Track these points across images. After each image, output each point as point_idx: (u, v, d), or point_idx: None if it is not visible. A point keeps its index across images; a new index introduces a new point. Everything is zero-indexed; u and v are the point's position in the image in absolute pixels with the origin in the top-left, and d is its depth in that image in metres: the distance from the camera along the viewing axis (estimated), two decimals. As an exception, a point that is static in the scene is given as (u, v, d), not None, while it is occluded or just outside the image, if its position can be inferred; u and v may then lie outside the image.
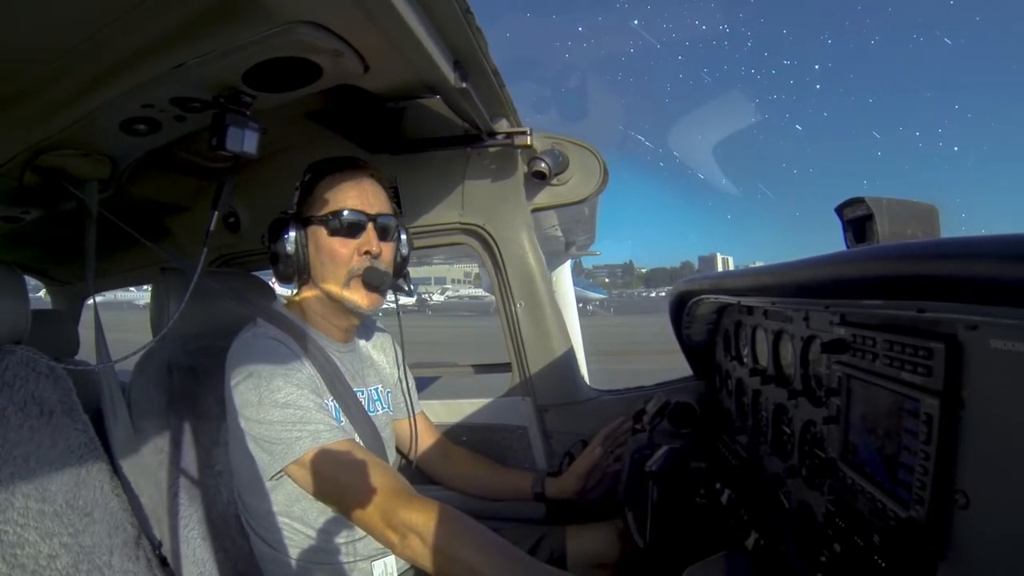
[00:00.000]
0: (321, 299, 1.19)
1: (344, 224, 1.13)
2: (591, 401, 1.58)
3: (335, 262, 1.13)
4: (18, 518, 0.86)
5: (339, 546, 1.13)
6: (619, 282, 67.53)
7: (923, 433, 0.60)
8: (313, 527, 1.12)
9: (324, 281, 1.15)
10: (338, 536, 1.12)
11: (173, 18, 0.72)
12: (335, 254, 1.13)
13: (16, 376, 0.94)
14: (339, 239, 1.13)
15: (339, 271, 1.14)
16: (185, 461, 1.17)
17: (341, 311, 1.19)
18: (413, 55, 0.93)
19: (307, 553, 1.12)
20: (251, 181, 1.51)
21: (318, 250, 1.14)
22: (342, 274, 1.14)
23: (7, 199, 1.19)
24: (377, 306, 1.18)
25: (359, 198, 1.15)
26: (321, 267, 1.15)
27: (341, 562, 1.13)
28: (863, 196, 0.93)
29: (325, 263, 1.14)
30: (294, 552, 1.12)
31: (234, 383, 1.07)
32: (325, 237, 1.13)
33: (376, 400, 1.29)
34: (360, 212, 1.14)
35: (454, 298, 34.53)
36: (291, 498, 1.10)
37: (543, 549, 1.34)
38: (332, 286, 1.15)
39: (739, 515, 1.05)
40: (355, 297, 1.15)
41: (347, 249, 1.13)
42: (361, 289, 1.15)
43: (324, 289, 1.16)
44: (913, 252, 0.56)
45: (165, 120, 0.96)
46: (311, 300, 1.20)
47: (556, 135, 1.49)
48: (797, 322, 0.98)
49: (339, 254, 1.13)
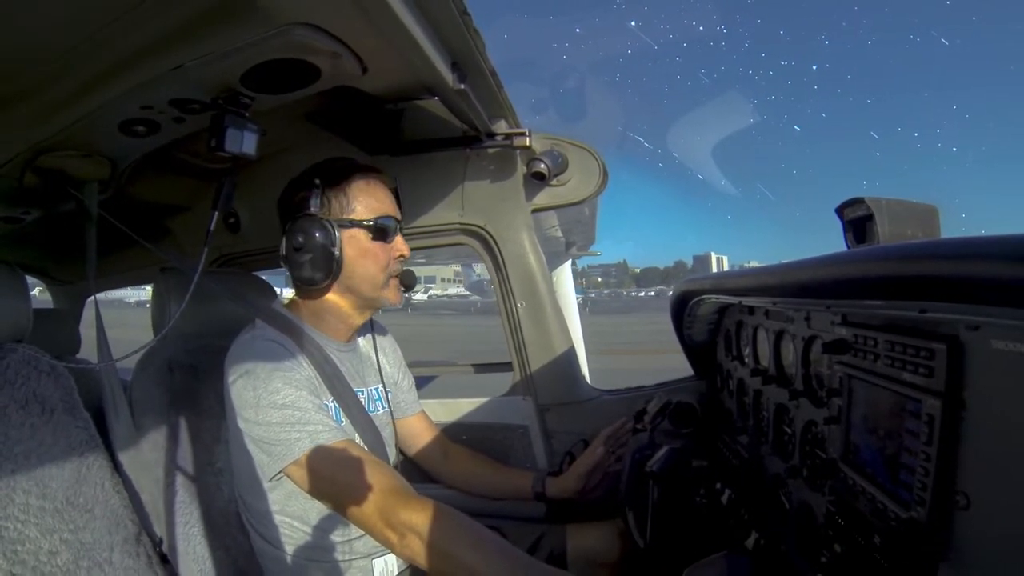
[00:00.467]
0: (343, 298, 1.20)
1: (384, 229, 1.18)
2: (592, 401, 1.58)
3: (377, 264, 1.18)
4: (19, 514, 0.87)
5: (339, 544, 1.13)
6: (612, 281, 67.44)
7: (924, 434, 0.60)
8: (313, 526, 1.12)
9: (360, 281, 1.18)
10: (338, 534, 1.12)
11: (172, 19, 0.72)
12: (377, 257, 1.18)
13: (18, 374, 0.95)
14: (379, 244, 1.18)
15: (379, 274, 1.19)
16: (186, 459, 1.17)
17: (361, 310, 1.23)
18: (411, 56, 0.93)
19: (307, 551, 1.12)
20: (251, 182, 1.51)
21: (359, 253, 1.17)
22: (381, 276, 1.19)
23: (8, 200, 1.20)
24: (400, 303, 1.29)
25: (391, 204, 1.22)
26: (362, 269, 1.18)
27: (341, 560, 1.13)
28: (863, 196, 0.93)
29: (367, 265, 1.18)
30: (294, 550, 1.12)
31: (233, 384, 1.07)
32: (367, 241, 1.17)
33: (376, 400, 1.30)
34: (393, 218, 1.20)
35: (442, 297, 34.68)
36: (291, 497, 1.10)
37: (543, 548, 1.34)
38: (367, 287, 1.19)
39: (740, 515, 1.05)
40: (390, 295, 1.22)
41: (385, 253, 1.19)
42: (397, 288, 1.23)
43: (356, 289, 1.19)
44: (914, 252, 0.56)
45: (164, 121, 0.96)
46: (322, 301, 1.20)
47: (555, 136, 1.49)
48: (798, 322, 0.97)
49: (380, 257, 1.18)
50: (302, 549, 1.12)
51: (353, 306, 1.22)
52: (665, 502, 1.12)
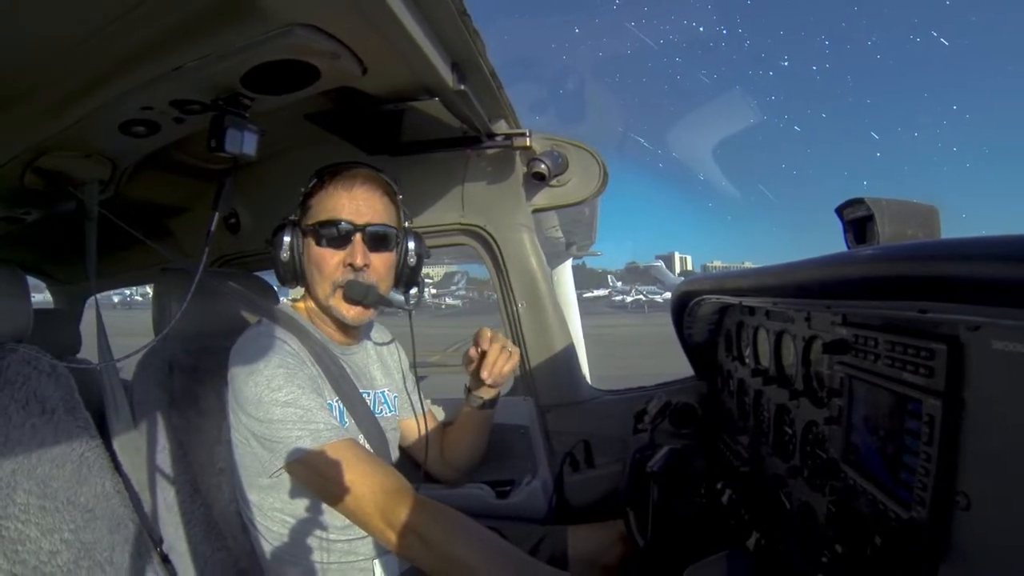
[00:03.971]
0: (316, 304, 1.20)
1: (330, 235, 1.13)
2: (593, 401, 1.58)
3: (321, 273, 1.14)
4: (19, 514, 0.87)
5: (340, 544, 1.13)
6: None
7: (925, 434, 0.60)
8: (314, 525, 1.12)
9: (313, 290, 1.17)
10: (340, 534, 1.12)
11: (172, 20, 0.72)
12: (321, 265, 1.14)
13: (18, 374, 0.95)
14: (327, 250, 1.13)
15: (324, 282, 1.14)
16: (187, 459, 1.17)
17: (334, 318, 1.20)
18: (411, 57, 0.93)
19: (308, 551, 1.12)
20: (251, 182, 1.51)
21: (308, 259, 1.16)
22: (327, 285, 1.14)
23: (8, 200, 1.20)
24: (363, 318, 1.17)
25: (348, 207, 1.13)
26: (310, 276, 1.16)
27: (342, 560, 1.13)
28: (863, 197, 0.93)
29: (312, 272, 1.16)
30: (296, 550, 1.12)
31: (236, 381, 1.07)
32: (314, 247, 1.14)
33: (384, 403, 1.30)
34: (347, 222, 1.13)
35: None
36: (292, 496, 1.10)
37: (544, 550, 1.34)
38: (318, 295, 1.16)
39: (740, 515, 1.05)
40: (340, 308, 1.15)
41: (333, 260, 1.14)
42: (343, 302, 1.14)
43: (313, 297, 1.18)
44: (914, 253, 0.56)
45: (164, 122, 0.96)
46: (316, 303, 1.21)
47: (555, 136, 1.50)
48: (799, 322, 0.97)
49: (325, 265, 1.14)
50: (303, 549, 1.12)
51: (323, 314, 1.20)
52: (666, 502, 1.12)
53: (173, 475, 1.14)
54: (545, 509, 1.47)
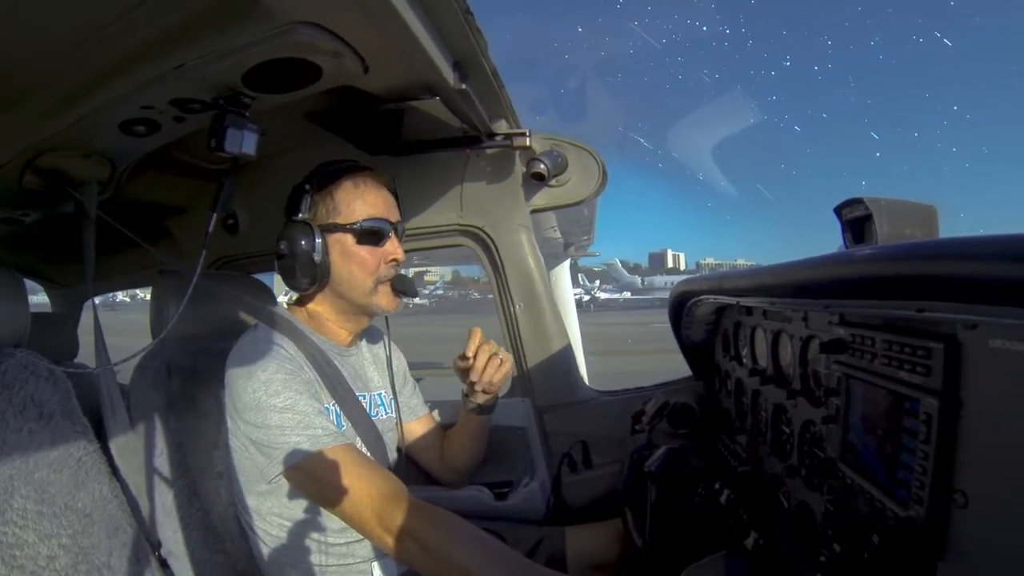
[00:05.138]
0: (334, 304, 1.20)
1: (372, 233, 1.16)
2: (590, 402, 1.58)
3: (364, 270, 1.16)
4: (17, 519, 0.86)
5: (339, 547, 1.12)
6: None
7: (922, 433, 0.61)
8: (313, 529, 1.11)
9: (348, 288, 1.17)
10: (338, 537, 1.12)
11: (173, 18, 0.72)
12: (364, 262, 1.16)
13: (15, 379, 0.94)
14: (367, 247, 1.16)
15: (367, 279, 1.17)
16: (185, 463, 1.16)
17: (355, 316, 1.22)
18: (413, 56, 0.93)
19: (307, 555, 1.12)
20: (251, 183, 1.50)
21: (345, 258, 1.16)
22: (369, 282, 1.17)
23: (7, 201, 1.19)
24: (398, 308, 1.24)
25: (383, 206, 1.18)
26: (348, 274, 1.17)
27: (341, 563, 1.13)
28: (862, 196, 0.93)
29: (353, 271, 1.16)
30: (294, 554, 1.12)
31: (234, 387, 1.07)
32: (352, 245, 1.16)
33: (380, 405, 1.29)
34: (385, 220, 1.17)
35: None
36: (290, 500, 1.10)
37: (542, 551, 1.33)
38: (356, 293, 1.18)
39: (738, 515, 1.06)
40: (382, 302, 1.19)
41: (374, 257, 1.17)
42: (389, 294, 1.20)
43: (346, 295, 1.18)
44: (912, 252, 0.56)
45: (164, 121, 0.96)
46: (320, 305, 1.21)
47: (555, 136, 1.50)
48: (796, 322, 0.98)
49: (368, 262, 1.16)
50: (301, 553, 1.12)
51: (347, 312, 1.21)
52: (664, 502, 1.12)
53: (171, 479, 1.13)
54: (543, 510, 1.47)
